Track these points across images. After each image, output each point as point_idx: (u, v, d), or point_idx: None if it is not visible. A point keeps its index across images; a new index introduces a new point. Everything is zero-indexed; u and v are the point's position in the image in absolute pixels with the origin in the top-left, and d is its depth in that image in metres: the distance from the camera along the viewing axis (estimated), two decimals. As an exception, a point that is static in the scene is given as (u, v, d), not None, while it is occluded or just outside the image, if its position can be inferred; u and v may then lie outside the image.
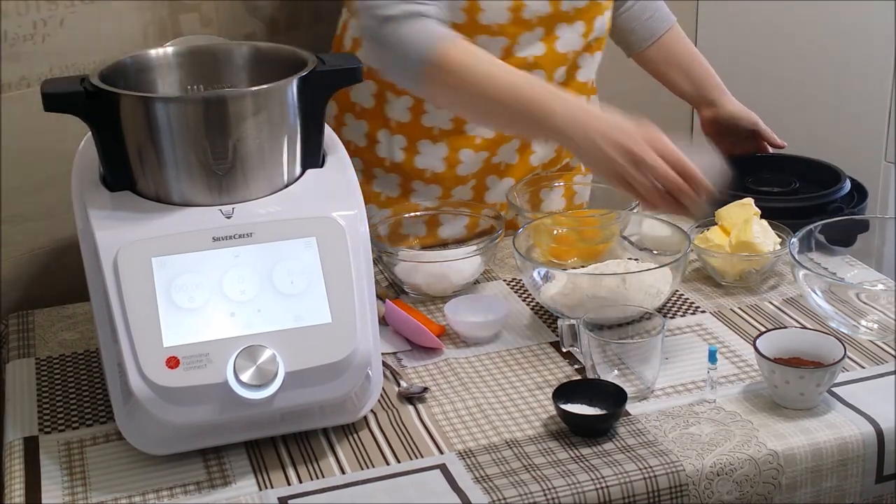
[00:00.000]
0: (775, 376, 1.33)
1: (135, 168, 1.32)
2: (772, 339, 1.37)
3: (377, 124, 1.79)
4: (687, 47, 1.93)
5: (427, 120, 1.76)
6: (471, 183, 1.81)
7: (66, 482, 1.27)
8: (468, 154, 1.78)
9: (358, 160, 1.81)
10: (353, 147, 1.81)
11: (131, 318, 1.22)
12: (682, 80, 1.94)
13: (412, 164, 1.79)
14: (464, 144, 1.77)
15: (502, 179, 1.82)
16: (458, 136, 1.77)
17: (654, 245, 1.73)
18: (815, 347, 1.37)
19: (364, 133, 1.80)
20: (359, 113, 1.80)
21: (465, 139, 1.77)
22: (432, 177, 1.79)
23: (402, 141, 1.78)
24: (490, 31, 1.67)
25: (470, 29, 1.67)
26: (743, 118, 1.93)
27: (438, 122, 1.76)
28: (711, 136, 1.98)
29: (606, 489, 1.22)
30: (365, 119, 1.80)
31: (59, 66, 1.69)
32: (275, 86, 1.31)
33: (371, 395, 1.34)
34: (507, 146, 1.79)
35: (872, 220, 1.69)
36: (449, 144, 1.78)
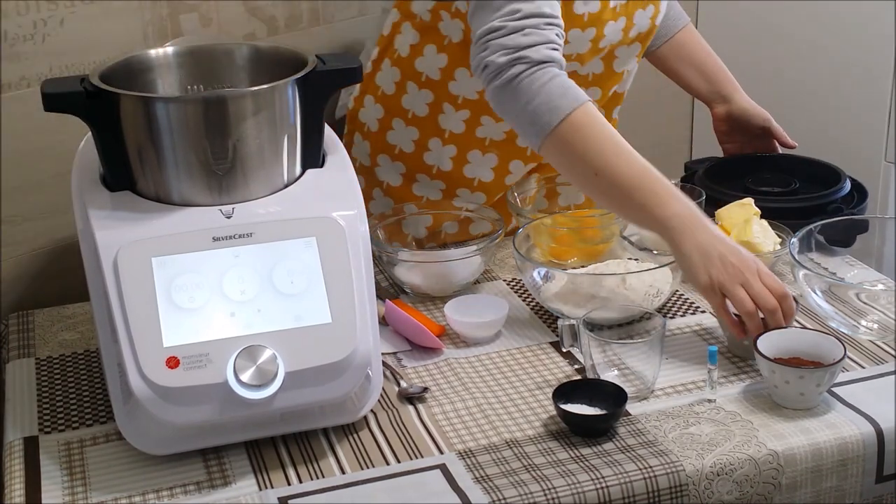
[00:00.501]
0: (775, 376, 1.33)
1: (135, 168, 1.32)
2: (772, 339, 1.37)
3: (429, 132, 1.78)
4: (700, 45, 1.94)
5: (481, 132, 1.76)
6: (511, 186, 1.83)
7: (66, 482, 1.27)
8: (517, 165, 1.79)
9: (401, 164, 1.81)
10: (397, 151, 1.81)
11: (131, 318, 1.22)
12: (695, 77, 1.94)
13: (461, 173, 1.79)
14: (515, 156, 1.78)
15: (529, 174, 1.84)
16: (510, 146, 1.76)
17: (654, 245, 1.73)
18: (815, 347, 1.37)
19: (413, 139, 1.79)
20: (410, 120, 1.78)
21: (516, 150, 1.77)
22: (479, 185, 1.79)
23: (453, 150, 1.78)
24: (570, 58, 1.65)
25: None
26: (755, 115, 1.93)
27: (491, 134, 1.76)
28: (723, 133, 1.97)
29: (606, 489, 1.22)
30: (416, 126, 1.78)
31: (59, 66, 1.69)
32: (275, 86, 1.31)
33: (371, 395, 1.34)
34: None
35: (872, 220, 1.69)
36: (499, 155, 1.78)
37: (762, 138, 1.94)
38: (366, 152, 1.83)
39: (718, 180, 1.88)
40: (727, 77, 1.94)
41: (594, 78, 1.73)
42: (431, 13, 1.69)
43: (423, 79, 1.73)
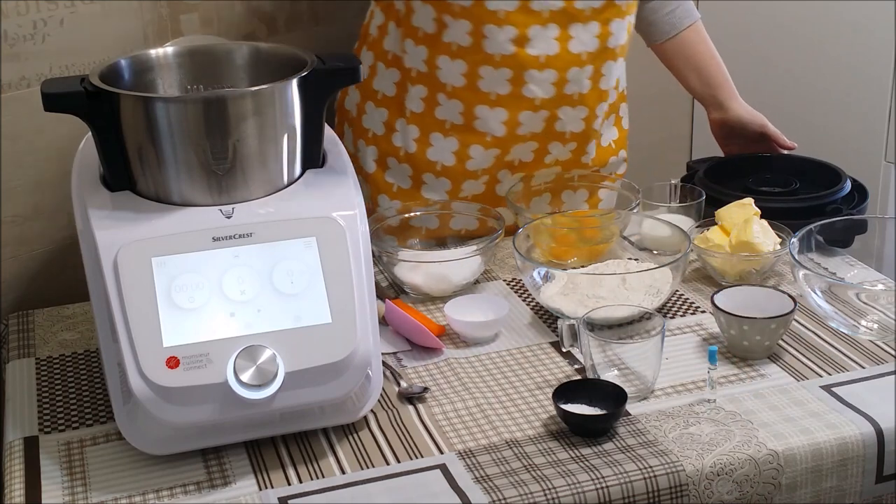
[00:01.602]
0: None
1: (135, 168, 1.32)
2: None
3: (396, 113, 1.80)
4: (704, 47, 1.94)
5: (439, 112, 1.77)
6: (483, 178, 1.82)
7: (66, 482, 1.27)
8: (478, 150, 1.79)
9: (374, 149, 1.83)
10: (370, 135, 1.83)
11: (131, 318, 1.22)
12: (693, 79, 1.95)
13: (424, 156, 1.80)
14: (474, 140, 1.78)
15: (514, 174, 1.83)
16: (469, 132, 1.77)
17: (654, 245, 1.73)
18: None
19: (383, 121, 1.81)
20: (380, 101, 1.81)
21: (475, 135, 1.77)
22: (442, 170, 1.80)
23: (416, 131, 1.79)
24: (497, 18, 1.67)
25: (475, 14, 1.67)
26: (751, 122, 1.93)
27: (450, 117, 1.76)
28: (720, 137, 1.98)
29: (606, 489, 1.22)
30: (385, 107, 1.81)
31: (59, 66, 1.69)
32: (275, 86, 1.31)
33: (371, 395, 1.34)
34: (522, 146, 1.79)
35: (872, 221, 1.69)
36: (459, 139, 1.78)
37: (760, 142, 1.95)
38: (351, 140, 1.85)
39: (718, 180, 1.88)
40: (725, 83, 1.94)
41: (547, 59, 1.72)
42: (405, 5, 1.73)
43: (390, 57, 1.75)
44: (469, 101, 1.75)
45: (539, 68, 1.72)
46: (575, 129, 1.80)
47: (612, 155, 1.90)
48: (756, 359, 1.45)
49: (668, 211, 1.79)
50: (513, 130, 1.77)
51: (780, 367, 1.44)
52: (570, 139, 1.81)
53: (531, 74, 1.72)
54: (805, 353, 1.47)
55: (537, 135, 1.79)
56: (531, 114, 1.76)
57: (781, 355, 1.46)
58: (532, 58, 1.71)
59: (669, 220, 1.69)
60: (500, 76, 1.72)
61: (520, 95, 1.74)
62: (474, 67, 1.72)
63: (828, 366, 1.44)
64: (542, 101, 1.75)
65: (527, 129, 1.78)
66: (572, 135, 1.80)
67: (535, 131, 1.78)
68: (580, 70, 1.75)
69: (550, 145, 1.81)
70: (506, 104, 1.75)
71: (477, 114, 1.75)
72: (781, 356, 1.46)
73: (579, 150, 1.84)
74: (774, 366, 1.44)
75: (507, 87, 1.73)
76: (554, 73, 1.73)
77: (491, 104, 1.74)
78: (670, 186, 1.84)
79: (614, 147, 1.90)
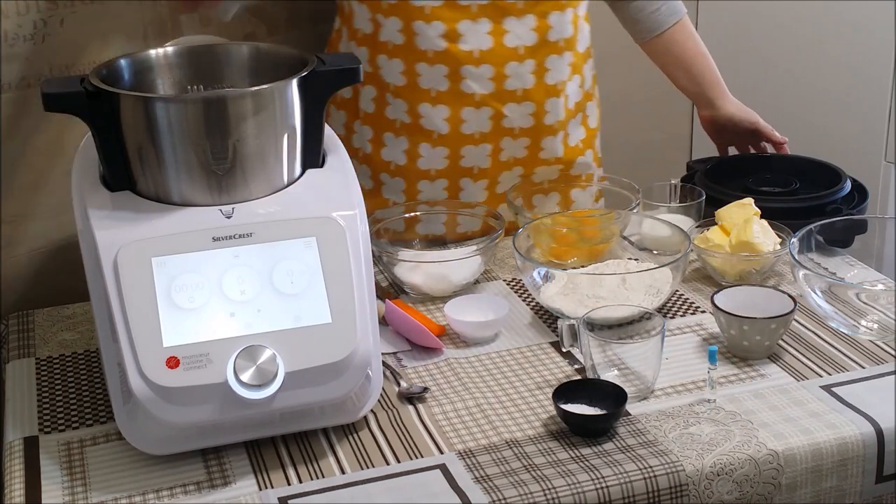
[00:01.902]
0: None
1: (135, 168, 1.32)
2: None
3: (352, 115, 1.81)
4: (691, 44, 1.93)
5: (389, 112, 1.77)
6: (440, 182, 1.81)
7: (66, 482, 1.27)
8: (426, 148, 1.78)
9: None
10: None
11: (131, 318, 1.22)
12: (682, 77, 1.94)
13: (379, 157, 1.80)
14: (422, 139, 1.78)
15: (476, 182, 1.82)
16: (417, 130, 1.77)
17: (654, 245, 1.73)
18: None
19: (342, 123, 1.82)
20: (339, 103, 1.82)
21: (422, 133, 1.77)
22: (396, 170, 1.80)
23: (370, 132, 1.79)
24: (423, 14, 1.67)
25: (403, 11, 1.68)
26: (741, 120, 1.93)
27: (399, 116, 1.77)
28: (711, 133, 1.98)
29: (606, 489, 1.22)
30: (344, 109, 1.82)
31: (59, 66, 1.69)
32: (275, 86, 1.31)
33: (371, 395, 1.34)
34: (475, 150, 1.78)
35: (872, 221, 1.69)
36: (409, 138, 1.78)
37: (751, 138, 1.94)
38: None
39: (718, 180, 1.88)
40: (714, 81, 1.93)
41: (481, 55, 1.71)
42: None
43: None
44: (411, 99, 1.75)
45: (474, 64, 1.72)
46: (523, 125, 1.79)
47: (579, 155, 1.89)
48: (756, 359, 1.45)
49: (668, 211, 1.79)
50: (457, 128, 1.76)
51: (780, 367, 1.44)
52: (520, 135, 1.80)
53: (467, 70, 1.72)
54: (805, 353, 1.47)
55: (486, 135, 1.78)
56: (473, 110, 1.75)
57: (781, 355, 1.46)
58: (465, 53, 1.71)
59: (669, 220, 1.69)
60: (436, 73, 1.73)
61: (459, 92, 1.74)
62: (411, 65, 1.72)
63: (828, 366, 1.44)
64: (482, 97, 1.75)
65: (473, 128, 1.77)
66: (521, 130, 1.79)
67: (483, 130, 1.77)
68: (519, 65, 1.74)
69: (502, 142, 1.80)
70: (446, 101, 1.74)
71: (420, 112, 1.76)
72: (781, 356, 1.46)
73: (535, 147, 1.82)
74: (774, 366, 1.44)
75: (445, 83, 1.73)
76: (490, 69, 1.73)
77: (432, 101, 1.75)
78: (670, 186, 1.85)
79: (581, 147, 1.89)
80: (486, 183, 1.82)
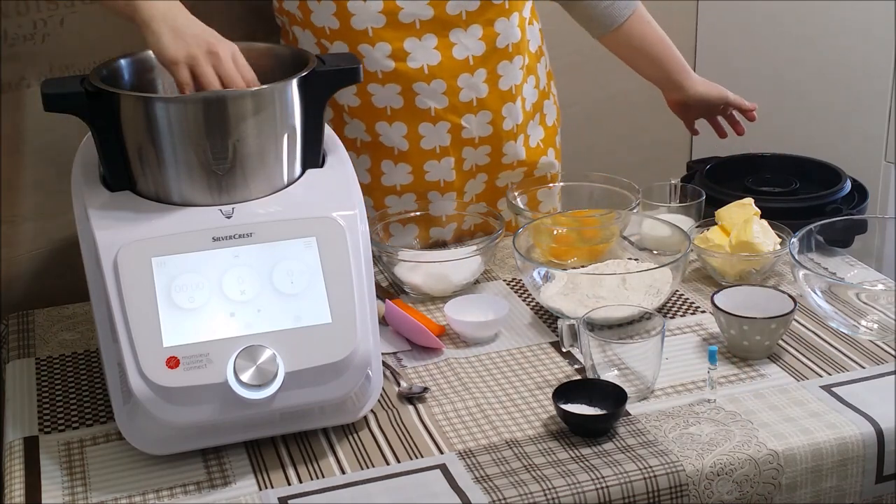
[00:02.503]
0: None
1: (135, 168, 1.32)
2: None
3: None
4: (649, 31, 1.89)
5: (348, 131, 1.75)
6: (408, 196, 1.79)
7: (66, 482, 1.27)
8: (389, 165, 1.77)
9: None
10: None
11: (131, 318, 1.22)
12: (646, 65, 1.92)
13: None
14: (384, 156, 1.76)
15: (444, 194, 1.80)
16: (378, 148, 1.76)
17: (654, 245, 1.73)
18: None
19: None
20: None
21: (384, 150, 1.76)
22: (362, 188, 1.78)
23: None
24: (367, 37, 1.66)
25: (346, 35, 1.67)
26: (711, 97, 1.91)
27: (358, 135, 1.75)
28: (679, 113, 1.96)
29: (606, 489, 1.22)
30: None
31: (59, 66, 1.69)
32: (275, 86, 1.31)
33: (371, 395, 1.34)
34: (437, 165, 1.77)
35: (872, 221, 1.69)
36: (371, 156, 1.76)
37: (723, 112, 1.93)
38: None
39: (718, 180, 1.88)
40: (679, 64, 1.91)
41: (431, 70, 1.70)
42: None
43: None
44: (368, 118, 1.73)
45: (426, 80, 1.70)
46: (483, 134, 1.78)
47: (541, 155, 1.87)
48: (756, 359, 1.45)
49: (668, 211, 1.79)
50: (417, 143, 1.75)
51: (780, 367, 1.44)
52: (480, 143, 1.78)
53: (420, 86, 1.71)
54: (805, 353, 1.47)
55: (446, 148, 1.76)
56: (430, 126, 1.74)
57: (781, 355, 1.46)
58: (415, 70, 1.69)
59: (669, 220, 1.69)
60: (389, 92, 1.71)
61: (414, 108, 1.72)
62: (364, 86, 1.70)
63: (828, 366, 1.44)
64: (437, 112, 1.73)
65: (434, 143, 1.75)
66: (481, 139, 1.78)
67: (443, 144, 1.76)
68: (471, 76, 1.72)
69: (464, 152, 1.78)
70: (403, 118, 1.73)
71: (378, 130, 1.74)
72: (781, 356, 1.46)
73: (496, 153, 1.81)
74: (774, 366, 1.44)
75: (399, 101, 1.72)
76: (442, 83, 1.71)
77: (388, 119, 1.73)
78: (670, 186, 1.85)
79: (542, 146, 1.88)
80: (454, 194, 1.81)
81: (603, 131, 2.02)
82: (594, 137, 2.63)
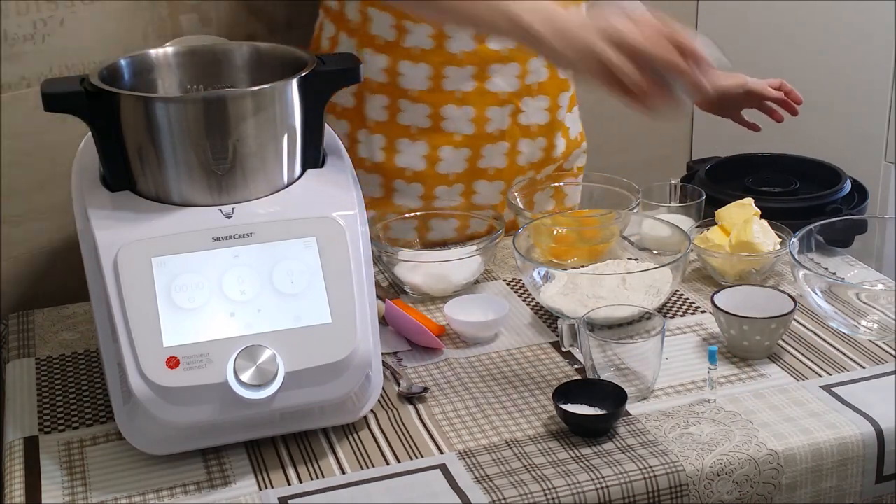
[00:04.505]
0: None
1: (135, 168, 1.32)
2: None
3: (357, 124, 1.79)
4: None
5: (403, 118, 1.76)
6: (457, 187, 1.80)
7: (66, 482, 1.27)
8: (448, 151, 1.77)
9: None
10: None
11: (131, 318, 1.22)
12: None
13: (392, 164, 1.79)
14: (443, 142, 1.77)
15: (492, 182, 1.82)
16: (437, 133, 1.76)
17: (654, 245, 1.73)
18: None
19: (345, 133, 1.79)
20: (340, 113, 1.79)
21: (443, 136, 1.76)
22: (413, 175, 1.79)
23: (382, 140, 1.78)
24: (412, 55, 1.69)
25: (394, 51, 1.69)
26: (731, 88, 1.90)
27: (416, 121, 1.76)
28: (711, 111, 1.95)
29: (606, 489, 1.22)
30: (346, 119, 1.79)
31: (59, 66, 1.69)
32: (275, 86, 1.31)
33: (371, 395, 1.34)
34: (493, 147, 1.78)
35: (872, 221, 1.69)
36: (428, 142, 1.77)
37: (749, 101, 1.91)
38: None
39: (718, 180, 1.88)
40: None
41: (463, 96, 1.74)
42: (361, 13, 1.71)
43: None
44: (435, 102, 1.74)
45: (503, 61, 1.72)
46: (540, 122, 1.79)
47: (576, 147, 1.91)
48: (756, 359, 1.45)
49: (668, 211, 1.79)
50: (482, 127, 1.76)
51: (780, 367, 1.44)
52: (538, 133, 1.80)
53: (494, 68, 1.73)
54: (805, 353, 1.47)
55: (504, 132, 1.78)
56: (497, 109, 1.76)
57: (781, 355, 1.46)
58: (494, 52, 1.71)
59: (669, 220, 1.69)
60: (464, 74, 1.72)
61: (485, 91, 1.74)
62: (439, 69, 1.72)
63: (828, 366, 1.44)
64: (507, 95, 1.75)
65: (494, 126, 1.77)
66: (538, 128, 1.80)
67: (502, 128, 1.78)
68: (538, 59, 1.74)
69: (519, 143, 1.80)
70: (472, 101, 1.74)
71: (444, 114, 1.75)
72: (781, 356, 1.46)
73: (549, 147, 1.83)
74: (774, 366, 1.44)
75: (471, 83, 1.73)
76: (517, 66, 1.73)
77: (458, 103, 1.74)
78: (670, 186, 1.85)
79: (579, 139, 1.91)
80: (502, 185, 1.81)
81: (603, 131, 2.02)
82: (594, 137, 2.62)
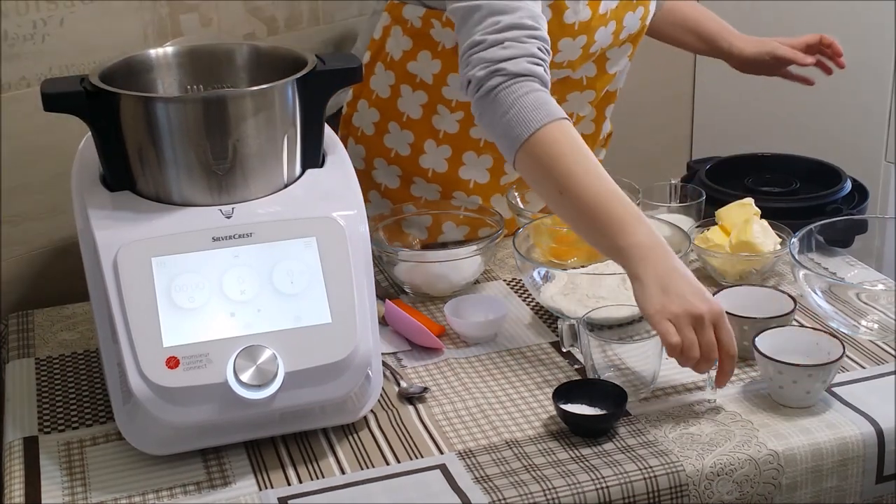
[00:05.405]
0: (782, 377, 1.33)
1: (135, 168, 1.32)
2: (767, 339, 1.38)
3: (424, 135, 1.76)
4: (690, 6, 1.92)
5: (475, 133, 1.75)
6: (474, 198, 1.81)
7: (66, 482, 1.27)
8: (471, 156, 1.77)
9: (397, 167, 1.80)
10: (393, 154, 1.79)
11: (131, 318, 1.22)
12: (691, 40, 1.94)
13: (456, 175, 1.78)
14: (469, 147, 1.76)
15: None
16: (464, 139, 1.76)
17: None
18: (810, 345, 1.38)
19: (409, 143, 1.77)
20: (405, 123, 1.77)
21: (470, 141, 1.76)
22: (475, 187, 1.79)
23: (448, 151, 1.77)
24: None
25: (449, 60, 1.66)
26: (760, 55, 1.89)
27: (486, 136, 1.73)
28: (750, 72, 1.95)
29: (606, 489, 1.22)
30: (410, 129, 1.77)
31: (59, 66, 1.69)
32: (275, 86, 1.31)
33: (371, 395, 1.34)
34: None
35: (872, 221, 1.69)
36: (494, 157, 1.76)
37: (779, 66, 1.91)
38: (360, 156, 1.81)
39: (718, 180, 1.88)
40: (722, 33, 1.91)
41: (588, 81, 1.73)
42: (422, 20, 1.68)
43: (418, 81, 1.72)
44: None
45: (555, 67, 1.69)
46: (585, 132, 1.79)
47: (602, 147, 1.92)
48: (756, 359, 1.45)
49: (668, 211, 1.79)
50: None
51: (780, 367, 1.44)
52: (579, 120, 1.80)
53: None
54: (805, 353, 1.47)
55: None
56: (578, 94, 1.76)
57: (781, 355, 1.46)
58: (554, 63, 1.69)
59: (669, 220, 1.69)
60: None
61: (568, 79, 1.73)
62: None
63: (828, 366, 1.44)
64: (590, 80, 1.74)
65: None
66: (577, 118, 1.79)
67: None
68: (594, 63, 1.74)
69: None
70: None
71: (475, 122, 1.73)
72: (781, 356, 1.46)
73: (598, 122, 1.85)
74: (774, 366, 1.44)
75: None
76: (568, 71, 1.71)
77: None
78: (670, 186, 1.85)
79: (604, 141, 1.92)
80: None
81: (603, 131, 2.03)
82: (594, 137, 2.63)
